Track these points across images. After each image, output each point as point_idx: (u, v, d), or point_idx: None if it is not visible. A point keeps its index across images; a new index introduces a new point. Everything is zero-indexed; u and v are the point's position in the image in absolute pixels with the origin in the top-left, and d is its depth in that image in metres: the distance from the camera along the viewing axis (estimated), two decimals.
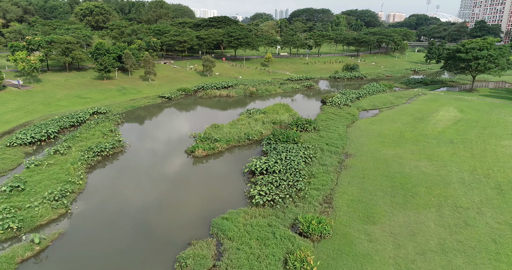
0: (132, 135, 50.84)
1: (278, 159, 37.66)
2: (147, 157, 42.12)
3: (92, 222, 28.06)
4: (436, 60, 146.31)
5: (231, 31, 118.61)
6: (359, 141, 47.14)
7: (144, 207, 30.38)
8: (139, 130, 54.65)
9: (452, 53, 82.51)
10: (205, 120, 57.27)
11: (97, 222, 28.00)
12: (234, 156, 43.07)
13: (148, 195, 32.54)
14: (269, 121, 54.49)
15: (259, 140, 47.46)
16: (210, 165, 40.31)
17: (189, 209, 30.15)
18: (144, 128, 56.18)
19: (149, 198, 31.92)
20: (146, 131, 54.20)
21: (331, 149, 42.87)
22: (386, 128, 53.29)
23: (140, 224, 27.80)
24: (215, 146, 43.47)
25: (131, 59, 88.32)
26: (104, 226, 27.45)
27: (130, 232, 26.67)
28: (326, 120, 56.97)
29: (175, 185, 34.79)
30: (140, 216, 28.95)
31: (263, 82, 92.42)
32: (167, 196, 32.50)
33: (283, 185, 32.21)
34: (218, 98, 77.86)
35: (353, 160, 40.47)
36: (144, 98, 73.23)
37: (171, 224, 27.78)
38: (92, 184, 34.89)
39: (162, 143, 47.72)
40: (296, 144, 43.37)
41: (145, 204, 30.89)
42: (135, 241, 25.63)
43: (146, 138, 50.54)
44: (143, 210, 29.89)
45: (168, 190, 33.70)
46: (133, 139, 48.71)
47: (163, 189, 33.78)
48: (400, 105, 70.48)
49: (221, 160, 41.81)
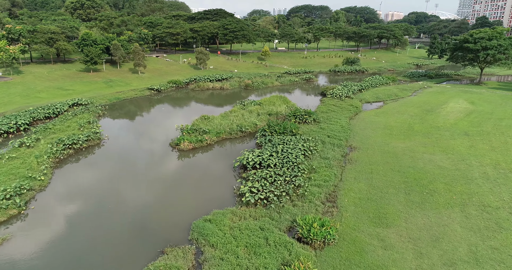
0: (112, 128, 46.03)
1: (273, 151, 32.93)
2: (126, 151, 37.28)
3: (47, 226, 23.23)
4: (439, 55, 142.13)
5: (227, 23, 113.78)
6: (364, 133, 42.48)
7: (114, 207, 25.59)
8: (122, 123, 49.79)
9: (460, 44, 77.93)
10: (195, 113, 52.52)
11: (53, 226, 23.17)
12: (224, 150, 38.30)
13: (121, 194, 27.74)
14: (264, 113, 49.77)
15: (253, 133, 42.72)
16: (197, 159, 35.52)
17: (168, 210, 25.36)
18: (128, 120, 51.32)
19: (121, 197, 27.13)
20: (129, 124, 49.33)
21: (334, 142, 38.18)
22: (392, 120, 48.66)
23: (107, 228, 23.00)
24: (203, 138, 38.68)
25: (119, 50, 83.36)
26: (61, 231, 22.62)
27: (92, 239, 21.86)
28: (327, 112, 52.29)
29: (154, 182, 29.98)
30: (108, 218, 24.15)
31: (259, 75, 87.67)
32: (143, 194, 27.70)
33: (278, 181, 27.46)
34: (211, 91, 73.05)
35: (359, 153, 35.78)
36: (131, 91, 68.36)
37: (144, 228, 22.99)
38: (57, 180, 30.04)
39: (145, 136, 42.90)
40: (294, 136, 38.65)
41: (116, 204, 26.10)
42: (96, 250, 20.83)
43: (128, 130, 45.71)
44: (112, 211, 25.10)
45: (145, 187, 28.90)
46: (114, 132, 43.88)
47: (139, 187, 28.98)
48: (406, 98, 65.88)
49: (209, 154, 37.02)
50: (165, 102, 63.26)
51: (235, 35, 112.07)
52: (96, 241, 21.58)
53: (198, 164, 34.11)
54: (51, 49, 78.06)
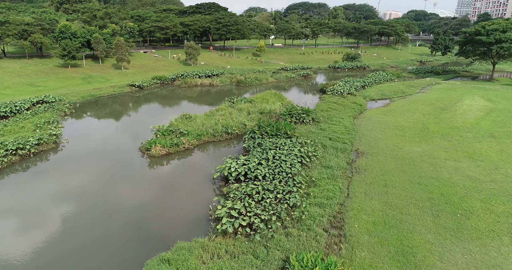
0: (77, 129, 39.44)
1: (263, 159, 26.46)
2: (84, 158, 30.65)
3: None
4: (442, 51, 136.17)
5: (220, 17, 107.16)
6: (372, 135, 36.10)
7: (47, 236, 19.06)
8: (90, 123, 43.12)
9: (470, 37, 71.66)
10: (177, 111, 46.06)
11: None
12: (204, 156, 31.79)
13: (63, 217, 21.20)
14: (256, 111, 43.33)
15: (242, 135, 36.22)
16: (168, 168, 28.99)
17: (116, 243, 18.83)
18: (98, 120, 44.64)
19: (61, 222, 20.59)
20: (98, 124, 42.65)
21: (337, 146, 31.78)
22: (403, 119, 42.33)
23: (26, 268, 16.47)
24: (180, 142, 32.15)
25: (101, 44, 76.65)
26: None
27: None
28: (327, 110, 45.88)
29: (107, 201, 23.43)
30: (33, 253, 17.62)
31: (253, 71, 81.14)
32: (90, 219, 21.14)
33: (268, 199, 21.00)
34: (199, 88, 66.51)
35: (368, 160, 29.39)
36: (110, 87, 61.67)
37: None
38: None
39: (114, 139, 36.27)
40: (289, 138, 32.20)
41: (51, 231, 19.57)
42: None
43: (95, 132, 39.03)
44: (43, 241, 18.58)
45: (95, 208, 22.36)
46: (77, 134, 37.25)
47: (88, 208, 22.43)
48: (414, 95, 59.62)
49: (185, 161, 30.48)
50: (146, 99, 56.65)
51: (228, 30, 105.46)
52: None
53: (169, 176, 27.55)
54: (25, 42, 71.28)
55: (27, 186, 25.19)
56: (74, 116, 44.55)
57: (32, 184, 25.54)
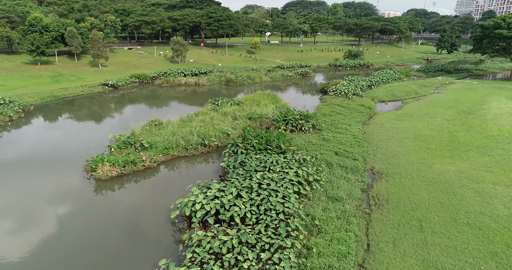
0: (18, 138, 31.46)
1: (244, 187, 18.63)
2: (7, 182, 22.70)
3: None
4: (448, 49, 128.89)
5: (211, 11, 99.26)
6: (389, 147, 28.39)
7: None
8: (37, 130, 35.00)
9: (488, 31, 64.04)
10: (150, 116, 38.13)
11: None
12: (169, 179, 23.90)
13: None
14: (244, 116, 35.53)
15: (224, 147, 28.40)
16: (114, 199, 21.06)
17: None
18: (47, 127, 36.47)
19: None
20: (45, 133, 34.41)
21: (345, 163, 24.04)
22: (423, 126, 34.65)
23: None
24: (139, 158, 24.30)
25: (76, 39, 68.65)
26: None
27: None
28: (330, 114, 38.14)
29: (11, 253, 15.56)
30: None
31: (246, 69, 73.29)
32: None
33: (246, 263, 13.19)
34: (183, 87, 58.61)
35: (389, 184, 21.67)
36: (80, 87, 53.65)
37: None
38: None
39: (57, 153, 28.16)
40: (283, 154, 24.41)
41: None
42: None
43: (37, 143, 30.88)
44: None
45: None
46: (15, 144, 29.31)
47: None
48: (428, 96, 52.01)
49: (141, 187, 22.58)
50: (117, 101, 48.67)
51: (221, 25, 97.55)
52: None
53: (110, 213, 19.57)
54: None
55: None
56: (21, 122, 36.51)
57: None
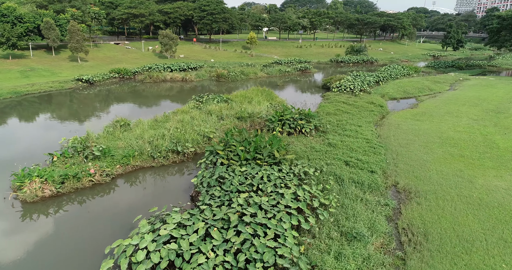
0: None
1: (218, 220, 12.54)
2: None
3: None
4: (454, 46, 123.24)
5: (205, 4, 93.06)
6: (412, 154, 22.38)
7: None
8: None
9: (507, 22, 58.14)
10: (121, 115, 32.07)
11: None
12: (119, 202, 17.73)
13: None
14: (232, 115, 29.49)
15: (203, 154, 22.33)
16: (33, 232, 14.86)
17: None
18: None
19: None
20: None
21: (360, 178, 18.03)
22: (448, 127, 28.67)
23: None
24: (85, 170, 18.20)
25: (53, 31, 62.49)
26: None
27: None
28: (335, 113, 32.13)
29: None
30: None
31: (240, 65, 67.25)
32: None
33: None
34: (168, 83, 52.48)
35: (422, 209, 15.64)
36: (51, 82, 47.51)
37: None
38: None
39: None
40: (277, 164, 18.37)
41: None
42: None
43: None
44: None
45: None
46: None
47: None
48: (444, 93, 46.10)
49: (76, 214, 16.39)
50: (87, 98, 42.42)
51: (214, 19, 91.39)
52: None
53: (12, 258, 13.46)
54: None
55: None
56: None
57: None
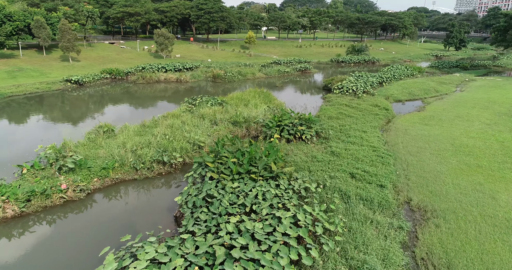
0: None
1: (200, 255, 10.32)
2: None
3: None
4: (456, 46, 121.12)
5: (202, 3, 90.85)
6: (423, 164, 20.22)
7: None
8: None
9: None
10: (108, 120, 30.01)
11: None
12: (91, 225, 15.44)
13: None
14: (227, 119, 27.30)
15: (193, 165, 20.11)
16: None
17: None
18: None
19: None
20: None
21: (369, 194, 15.85)
22: (460, 132, 26.50)
23: None
24: (55, 186, 15.98)
25: (44, 30, 60.33)
26: None
27: None
28: (337, 117, 29.95)
29: None
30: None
31: (238, 65, 65.08)
32: None
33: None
34: (162, 84, 50.29)
35: (442, 233, 13.45)
36: (38, 83, 45.31)
37: None
38: None
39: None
40: (274, 179, 16.17)
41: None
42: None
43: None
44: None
45: None
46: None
47: None
48: (451, 94, 43.97)
49: (36, 241, 14.18)
50: (75, 100, 40.19)
51: (212, 17, 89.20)
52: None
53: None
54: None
55: None
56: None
57: None
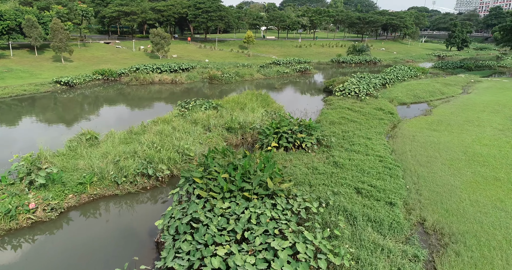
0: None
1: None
2: None
3: None
4: (458, 46, 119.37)
5: (199, 2, 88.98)
6: (435, 176, 18.35)
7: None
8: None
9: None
10: (91, 125, 28.17)
11: None
12: (58, 254, 13.56)
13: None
14: (220, 125, 25.41)
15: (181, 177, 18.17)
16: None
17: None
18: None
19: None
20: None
21: (377, 214, 13.96)
22: (472, 139, 24.63)
23: None
24: (22, 205, 14.07)
25: (36, 29, 58.42)
26: None
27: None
28: (340, 122, 28.07)
29: None
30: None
31: (236, 65, 63.19)
32: None
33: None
34: (156, 86, 48.39)
35: (465, 264, 11.55)
36: (27, 85, 43.38)
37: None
38: None
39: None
40: (270, 196, 14.28)
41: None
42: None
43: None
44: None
45: None
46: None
47: None
48: (457, 97, 42.09)
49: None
50: (64, 103, 38.23)
51: (210, 17, 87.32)
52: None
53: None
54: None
55: None
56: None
57: None
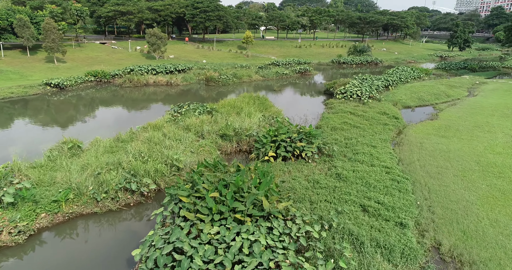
0: None
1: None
2: None
3: None
4: (460, 46, 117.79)
5: (197, 1, 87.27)
6: (448, 190, 16.69)
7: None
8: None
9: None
10: (81, 132, 26.51)
11: None
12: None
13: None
14: (214, 132, 23.74)
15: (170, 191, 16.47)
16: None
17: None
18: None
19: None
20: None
21: (387, 238, 12.28)
22: (483, 147, 22.98)
23: None
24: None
25: (28, 29, 56.75)
26: None
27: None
28: (342, 128, 26.40)
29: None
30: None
31: (234, 66, 61.51)
32: None
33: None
34: (150, 88, 46.71)
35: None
36: (15, 87, 41.65)
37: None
38: None
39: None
40: (266, 218, 12.61)
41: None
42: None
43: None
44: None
45: None
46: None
47: None
48: (463, 99, 40.42)
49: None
50: (52, 107, 36.47)
51: (208, 16, 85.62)
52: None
53: None
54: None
55: None
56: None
57: None
